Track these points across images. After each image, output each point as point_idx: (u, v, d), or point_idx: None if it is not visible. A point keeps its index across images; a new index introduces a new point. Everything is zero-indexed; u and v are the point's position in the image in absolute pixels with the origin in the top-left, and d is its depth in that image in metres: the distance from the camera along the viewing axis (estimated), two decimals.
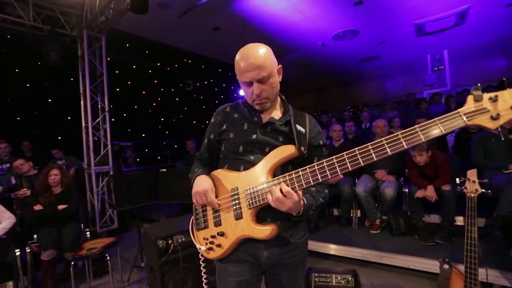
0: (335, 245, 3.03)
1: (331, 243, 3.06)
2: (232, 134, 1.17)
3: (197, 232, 1.22)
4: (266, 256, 1.11)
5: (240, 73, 1.07)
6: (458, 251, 2.55)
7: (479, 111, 0.71)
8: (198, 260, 2.19)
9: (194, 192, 1.14)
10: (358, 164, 0.85)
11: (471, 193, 1.63)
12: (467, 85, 7.33)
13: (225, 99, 8.88)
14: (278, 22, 5.30)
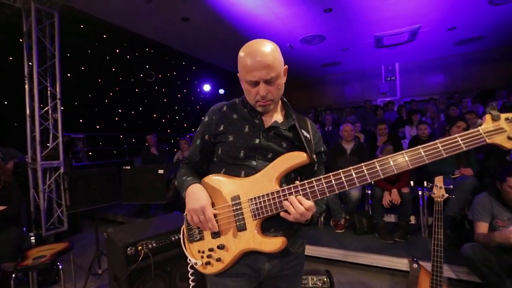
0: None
1: None
2: (231, 137, 1.07)
3: (190, 245, 1.11)
4: (267, 268, 1.05)
5: (246, 71, 0.97)
6: (413, 248, 2.82)
7: (497, 131, 0.76)
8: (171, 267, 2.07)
9: (190, 209, 1.02)
10: (377, 176, 0.86)
11: (438, 198, 1.80)
12: (413, 96, 8.16)
13: (188, 93, 8.52)
14: (250, 19, 5.24)
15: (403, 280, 2.60)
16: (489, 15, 5.66)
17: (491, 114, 0.78)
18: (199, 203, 1.00)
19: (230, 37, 5.95)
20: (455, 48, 7.51)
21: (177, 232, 2.14)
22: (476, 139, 0.77)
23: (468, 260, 2.03)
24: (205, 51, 6.72)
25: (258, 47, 0.97)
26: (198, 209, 1.00)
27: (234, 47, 7.26)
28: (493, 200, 2.23)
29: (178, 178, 1.16)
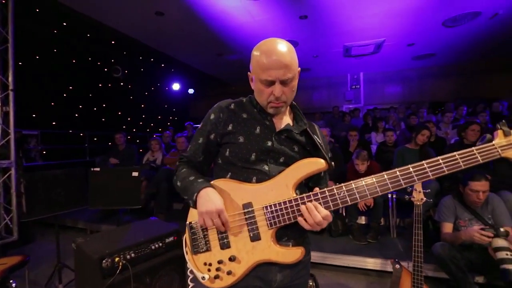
0: None
1: None
2: (242, 138, 1.01)
3: (194, 256, 1.02)
4: (279, 279, 1.00)
5: (262, 70, 0.93)
6: (385, 249, 2.98)
7: (510, 146, 0.81)
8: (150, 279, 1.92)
9: (204, 212, 0.93)
10: (399, 185, 0.87)
11: (417, 201, 1.91)
12: (376, 104, 8.74)
13: (156, 91, 8.11)
14: (227, 20, 5.17)
15: (377, 279, 2.74)
16: (442, 36, 6.30)
17: (502, 130, 0.84)
18: (214, 205, 0.92)
19: (204, 36, 5.82)
20: (413, 63, 8.22)
21: (158, 240, 2.00)
22: (491, 153, 0.82)
23: (438, 258, 2.20)
24: (176, 48, 6.47)
25: (275, 45, 0.93)
26: (213, 212, 0.92)
27: (207, 46, 7.14)
28: (457, 202, 2.44)
29: (181, 179, 1.05)
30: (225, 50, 6.76)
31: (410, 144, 3.58)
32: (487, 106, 5.93)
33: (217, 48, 6.56)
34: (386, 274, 2.74)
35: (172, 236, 2.09)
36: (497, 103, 5.97)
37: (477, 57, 7.89)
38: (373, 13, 5.08)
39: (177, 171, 1.10)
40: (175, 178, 1.09)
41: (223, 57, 7.14)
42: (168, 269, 2.02)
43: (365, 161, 3.10)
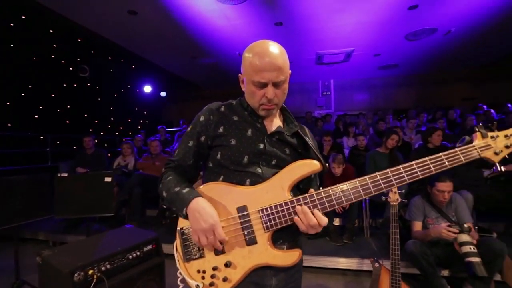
0: None
1: None
2: (233, 141, 1.00)
3: (187, 264, 0.98)
4: (274, 284, 0.99)
5: (255, 72, 0.92)
6: (360, 249, 3.09)
7: (487, 147, 0.89)
8: None
9: (197, 230, 0.89)
10: (392, 185, 0.90)
11: (393, 202, 2.01)
12: (345, 110, 9.15)
13: (126, 93, 7.72)
14: (203, 22, 5.11)
15: (354, 278, 2.83)
16: (404, 48, 6.79)
17: (480, 132, 0.91)
18: (208, 222, 0.88)
19: (179, 38, 5.69)
20: (378, 72, 8.74)
21: (135, 249, 1.89)
22: (472, 153, 0.89)
23: (411, 254, 2.32)
24: (149, 49, 6.25)
25: (268, 47, 0.93)
26: (208, 229, 0.89)
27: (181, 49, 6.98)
28: (425, 202, 2.62)
29: (166, 189, 1.00)
30: (199, 53, 6.66)
31: (380, 148, 3.78)
32: (444, 113, 6.47)
33: (192, 51, 6.44)
34: (362, 273, 2.85)
35: (151, 244, 1.99)
36: (452, 111, 6.55)
37: (434, 69, 8.61)
38: (344, 24, 5.34)
39: (162, 179, 1.05)
40: (160, 186, 1.04)
41: (198, 60, 7.03)
42: (147, 279, 1.91)
43: (341, 164, 3.22)
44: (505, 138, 0.89)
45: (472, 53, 7.21)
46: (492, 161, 0.89)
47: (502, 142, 0.89)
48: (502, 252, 2.15)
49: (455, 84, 8.83)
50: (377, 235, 3.43)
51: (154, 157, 4.15)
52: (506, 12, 4.95)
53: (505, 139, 0.89)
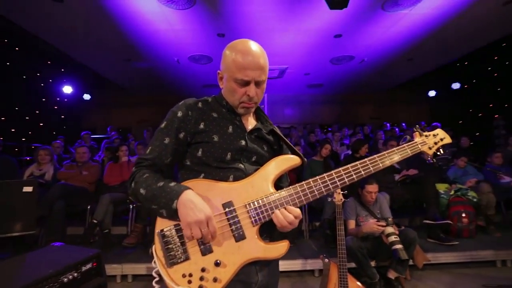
0: None
1: None
2: (216, 137, 0.98)
3: (169, 269, 0.89)
4: (259, 280, 1.00)
5: (238, 69, 0.94)
6: (302, 250, 3.28)
7: (424, 143, 1.12)
8: None
9: (191, 222, 0.84)
10: (352, 180, 1.02)
11: (338, 202, 2.25)
12: (277, 123, 9.76)
13: (38, 92, 6.46)
14: (142, 23, 4.81)
15: (298, 279, 2.98)
16: (329, 70, 7.74)
17: (418, 132, 1.14)
18: (203, 213, 0.85)
19: (112, 36, 5.19)
20: (307, 89, 9.68)
21: (71, 270, 1.61)
22: (416, 147, 1.10)
23: (350, 249, 2.60)
24: (74, 45, 5.48)
25: (251, 46, 0.97)
26: (203, 220, 0.84)
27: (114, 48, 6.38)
28: (356, 202, 2.99)
29: (145, 185, 0.92)
30: (134, 56, 6.19)
31: (315, 156, 4.18)
32: (361, 128, 7.56)
33: (126, 52, 5.95)
34: (305, 273, 3.03)
35: (91, 262, 1.73)
36: (366, 127, 7.72)
37: (351, 91, 10.03)
38: (280, 42, 5.79)
39: (135, 176, 0.96)
40: (134, 185, 0.94)
41: (132, 63, 6.52)
42: None
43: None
44: (433, 137, 1.14)
45: (378, 80, 8.70)
46: (428, 154, 1.12)
47: (432, 140, 1.14)
48: (415, 239, 2.62)
49: (365, 104, 10.44)
50: (315, 236, 3.72)
51: (81, 165, 3.60)
52: (406, 48, 6.19)
53: (433, 138, 1.14)
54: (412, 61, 7.07)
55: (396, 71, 7.87)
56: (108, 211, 3.14)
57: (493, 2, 4.49)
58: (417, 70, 7.91)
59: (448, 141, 1.19)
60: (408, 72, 8.10)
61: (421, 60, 7.01)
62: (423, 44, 5.96)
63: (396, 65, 7.27)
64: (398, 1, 4.39)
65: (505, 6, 4.60)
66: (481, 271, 3.02)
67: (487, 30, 5.46)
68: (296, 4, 4.39)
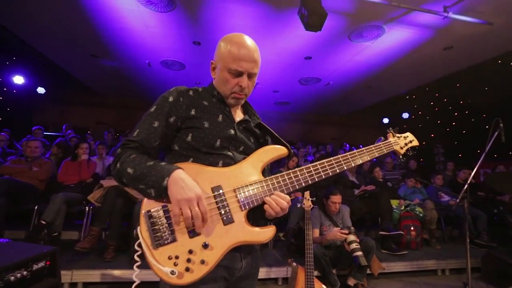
0: None
1: None
2: (207, 124, 1.01)
3: (155, 251, 0.87)
4: (243, 266, 1.02)
5: (233, 60, 0.99)
6: (266, 259, 3.29)
7: (396, 143, 1.26)
8: None
9: (182, 200, 0.83)
10: (334, 171, 1.09)
11: (307, 207, 2.35)
12: None
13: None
14: (116, 20, 4.64)
15: (261, 286, 2.97)
16: (297, 90, 8.15)
17: (392, 133, 1.28)
18: (193, 192, 0.85)
19: (78, 27, 4.86)
20: (275, 106, 10.02)
21: (20, 267, 1.44)
22: (390, 146, 1.24)
23: (314, 256, 2.67)
24: (34, 32, 5.06)
25: (246, 40, 1.02)
26: (193, 199, 0.84)
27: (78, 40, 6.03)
28: (321, 212, 3.14)
29: (134, 164, 0.90)
30: (101, 52, 5.90)
31: (283, 168, 4.30)
32: (324, 147, 7.99)
33: (92, 46, 5.64)
34: (269, 281, 3.03)
35: (44, 260, 1.57)
36: (328, 146, 8.19)
37: (315, 112, 10.61)
38: None
39: (121, 157, 0.93)
40: (119, 165, 0.92)
41: (97, 59, 6.19)
42: None
43: None
44: (404, 138, 1.30)
45: (340, 104, 9.37)
46: (399, 153, 1.27)
47: (403, 141, 1.29)
48: (373, 247, 2.82)
49: (328, 126, 11.11)
50: (278, 246, 3.76)
51: (31, 161, 3.24)
52: (366, 77, 6.81)
53: (404, 139, 1.29)
54: (371, 89, 7.79)
55: (356, 97, 8.56)
56: (60, 211, 2.85)
57: (436, 46, 5.23)
58: (374, 98, 8.70)
59: (415, 144, 1.34)
60: (366, 99, 8.87)
61: (378, 89, 7.76)
62: (380, 75, 6.64)
63: (357, 91, 7.93)
64: (362, 34, 4.89)
65: (445, 50, 5.38)
66: (426, 279, 3.32)
67: (431, 69, 6.30)
68: (273, 24, 4.65)
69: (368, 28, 4.73)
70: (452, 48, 5.32)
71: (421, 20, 4.38)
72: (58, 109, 8.18)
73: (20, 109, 6.56)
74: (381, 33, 4.87)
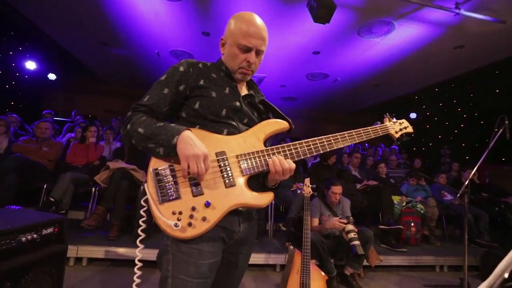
0: None
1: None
2: (214, 93, 1.06)
3: (161, 206, 0.92)
4: (241, 230, 1.07)
5: (243, 36, 1.04)
6: (265, 246, 3.35)
7: (391, 127, 1.29)
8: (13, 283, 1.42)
9: (190, 155, 0.88)
10: (332, 147, 1.14)
11: (306, 194, 2.39)
12: None
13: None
14: (126, 8, 4.70)
15: (260, 273, 3.04)
16: (304, 85, 8.14)
17: (388, 117, 1.32)
18: (201, 149, 0.90)
19: (90, 15, 4.96)
20: (281, 101, 10.02)
21: (30, 230, 1.52)
22: (386, 129, 1.27)
23: (312, 243, 2.71)
24: (47, 18, 5.16)
25: (256, 19, 1.07)
26: (200, 156, 0.89)
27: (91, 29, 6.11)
28: (321, 202, 3.17)
29: (144, 125, 0.95)
30: (112, 41, 5.99)
31: None
32: None
33: (104, 35, 5.72)
34: (267, 267, 3.09)
35: (53, 226, 1.64)
36: None
37: (321, 108, 10.60)
38: None
39: (132, 119, 0.99)
40: (130, 126, 0.98)
41: (108, 48, 6.29)
42: (40, 271, 1.56)
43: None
44: (399, 124, 1.33)
45: (345, 101, 9.34)
46: (394, 137, 1.30)
47: (398, 126, 1.33)
48: (371, 238, 2.84)
49: (332, 123, 11.08)
50: (278, 236, 3.81)
51: (41, 141, 3.34)
52: (374, 74, 6.78)
53: (399, 125, 1.33)
54: (378, 87, 7.74)
55: (363, 95, 8.52)
56: (68, 190, 2.94)
57: (447, 45, 5.18)
58: (381, 96, 8.64)
59: (410, 131, 1.37)
60: (373, 98, 8.82)
61: (385, 88, 7.71)
62: (389, 73, 6.60)
63: (364, 89, 7.89)
64: (372, 29, 4.87)
65: (455, 49, 5.32)
66: (423, 274, 3.34)
67: (441, 69, 6.24)
68: (282, 17, 4.66)
69: (378, 24, 4.70)
70: (463, 47, 5.26)
71: (432, 17, 4.34)
72: (67, 96, 8.33)
73: (31, 94, 6.70)
74: (391, 29, 4.84)
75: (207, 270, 0.95)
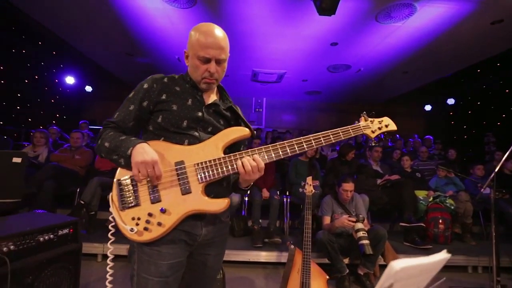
0: None
1: None
2: (175, 106, 1.12)
3: (122, 212, 1.03)
4: (204, 233, 1.12)
5: (200, 47, 1.08)
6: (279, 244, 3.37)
7: (367, 126, 1.24)
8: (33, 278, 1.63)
9: (138, 162, 0.97)
10: (302, 148, 1.15)
11: (308, 193, 2.37)
12: (274, 127, 9.90)
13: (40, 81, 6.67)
14: (144, 19, 4.98)
15: (273, 271, 3.07)
16: (326, 78, 7.88)
17: (364, 117, 1.27)
18: (150, 156, 0.98)
19: (114, 29, 5.35)
20: (305, 96, 9.85)
21: (48, 231, 1.73)
22: (359, 129, 1.23)
23: (320, 242, 2.71)
24: (77, 35, 5.69)
25: (213, 29, 1.11)
26: (149, 162, 0.97)
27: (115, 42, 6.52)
28: (333, 200, 3.10)
29: (110, 140, 1.06)
30: (135, 51, 6.40)
31: (301, 157, 4.29)
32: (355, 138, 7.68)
33: (127, 46, 6.15)
34: (279, 265, 3.12)
35: (68, 227, 1.86)
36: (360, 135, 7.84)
37: (348, 101, 10.18)
38: (278, 47, 5.95)
39: (102, 135, 1.10)
40: (100, 141, 1.09)
41: (133, 58, 6.74)
42: (58, 267, 1.77)
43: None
44: (378, 123, 1.28)
45: (372, 92, 8.85)
46: (370, 137, 1.25)
47: (376, 125, 1.27)
48: (384, 236, 2.72)
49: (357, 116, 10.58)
50: (294, 233, 3.81)
51: (74, 150, 3.75)
52: (400, 61, 6.35)
53: (378, 123, 1.27)
54: (407, 74, 7.22)
55: (391, 84, 8.02)
56: (95, 193, 3.26)
57: (482, 21, 4.65)
58: (412, 84, 8.05)
59: (393, 128, 1.31)
60: (403, 85, 8.24)
61: (416, 74, 7.16)
62: (417, 58, 6.12)
63: (391, 77, 7.42)
64: (390, 14, 4.56)
65: (493, 25, 4.76)
66: (452, 275, 3.10)
67: (477, 48, 5.62)
68: (293, 11, 4.57)
69: (397, 7, 4.39)
70: (502, 22, 4.69)
71: None
72: (103, 105, 9.10)
73: (72, 106, 7.47)
74: (413, 12, 4.48)
75: (166, 270, 1.03)
